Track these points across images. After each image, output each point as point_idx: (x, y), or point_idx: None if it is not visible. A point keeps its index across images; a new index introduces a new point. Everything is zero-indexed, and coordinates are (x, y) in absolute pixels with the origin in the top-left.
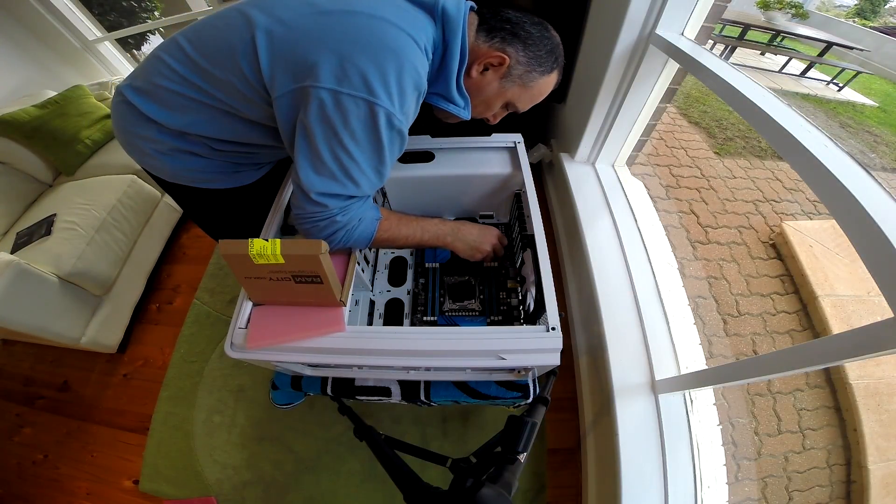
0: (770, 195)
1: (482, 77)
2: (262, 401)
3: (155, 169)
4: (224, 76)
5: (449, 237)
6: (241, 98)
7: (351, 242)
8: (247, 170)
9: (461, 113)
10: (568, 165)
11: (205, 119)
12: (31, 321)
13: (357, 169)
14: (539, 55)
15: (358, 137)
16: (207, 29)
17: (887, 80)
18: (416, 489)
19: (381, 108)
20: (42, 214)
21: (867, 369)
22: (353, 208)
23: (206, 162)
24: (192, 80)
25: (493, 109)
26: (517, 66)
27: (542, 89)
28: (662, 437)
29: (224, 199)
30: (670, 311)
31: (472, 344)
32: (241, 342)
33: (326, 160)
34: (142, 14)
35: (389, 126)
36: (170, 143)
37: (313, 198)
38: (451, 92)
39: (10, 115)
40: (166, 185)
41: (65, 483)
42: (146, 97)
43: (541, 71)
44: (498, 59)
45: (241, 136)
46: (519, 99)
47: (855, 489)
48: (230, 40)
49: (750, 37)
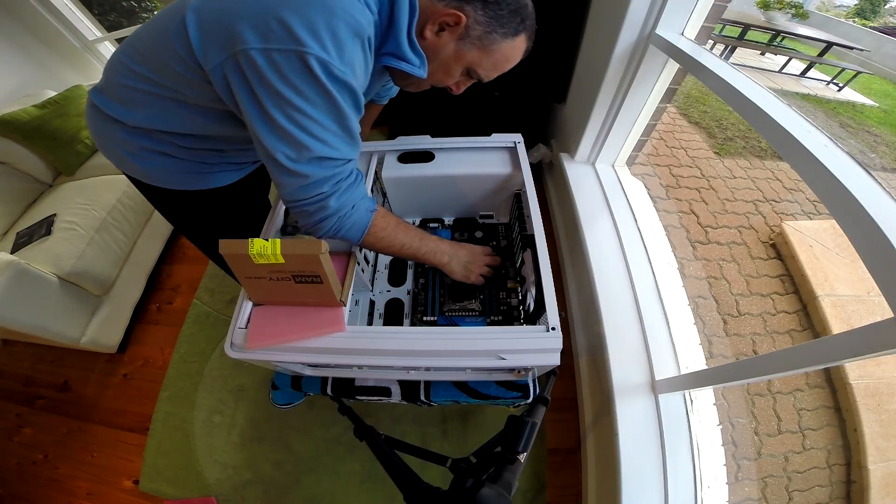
0: (770, 195)
1: (437, 38)
2: (262, 401)
3: (129, 171)
4: (164, 59)
5: (445, 256)
6: (184, 81)
7: (343, 231)
8: (222, 171)
9: (416, 71)
10: (568, 165)
11: (159, 112)
12: (31, 321)
13: (318, 126)
14: (500, 14)
15: (304, 92)
16: (152, 20)
17: (887, 80)
18: (416, 489)
19: (313, 55)
20: (42, 214)
21: (867, 369)
22: (346, 190)
23: (177, 162)
24: (140, 72)
25: (452, 76)
26: (476, 25)
27: (506, 54)
28: (662, 437)
29: (200, 202)
30: (670, 311)
31: (472, 344)
32: (241, 342)
33: (283, 123)
34: (142, 14)
35: (329, 75)
36: (137, 143)
37: (289, 166)
38: (403, 49)
39: (10, 115)
40: (143, 187)
41: (65, 483)
42: (106, 96)
43: (503, 33)
44: (453, 18)
45: (199, 127)
46: (480, 64)
47: (855, 489)
48: (167, 24)
49: (750, 37)
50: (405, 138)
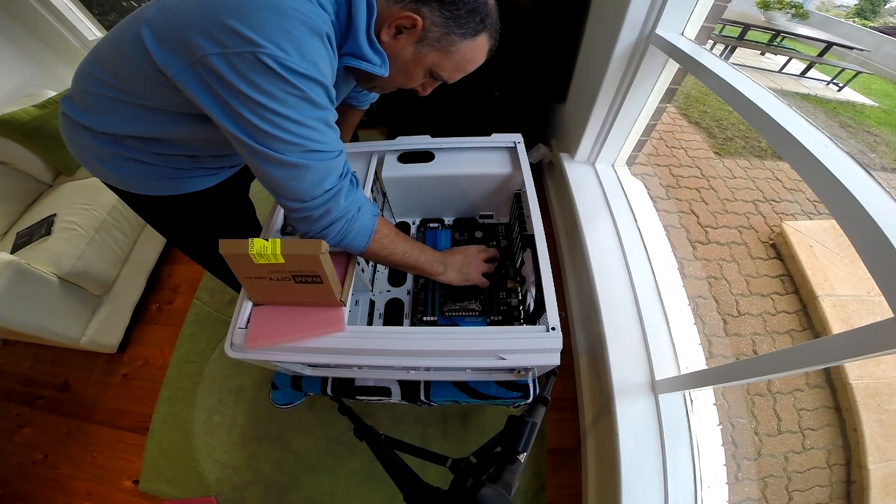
0: (770, 195)
1: (395, 42)
2: (262, 401)
3: (104, 178)
4: (128, 68)
5: (440, 266)
6: (149, 88)
7: (349, 238)
8: (196, 176)
9: (377, 70)
10: (568, 165)
11: (127, 117)
12: (31, 321)
13: (294, 123)
14: (458, 15)
15: (270, 91)
16: (113, 31)
17: (887, 80)
18: (416, 489)
19: (267, 54)
20: (42, 214)
21: (867, 369)
22: (349, 191)
23: (149, 168)
24: (106, 80)
25: (415, 79)
26: (433, 27)
27: (466, 55)
28: (662, 437)
29: (178, 207)
30: (670, 311)
31: (472, 344)
32: (241, 342)
33: (258, 124)
34: None
35: (290, 71)
36: (108, 150)
37: (281, 159)
38: (363, 48)
39: (10, 115)
40: (121, 194)
41: (65, 483)
42: (75, 104)
43: (461, 34)
44: (409, 21)
45: (168, 132)
46: (441, 66)
47: (855, 489)
48: (125, 37)
49: (750, 37)
50: (405, 138)
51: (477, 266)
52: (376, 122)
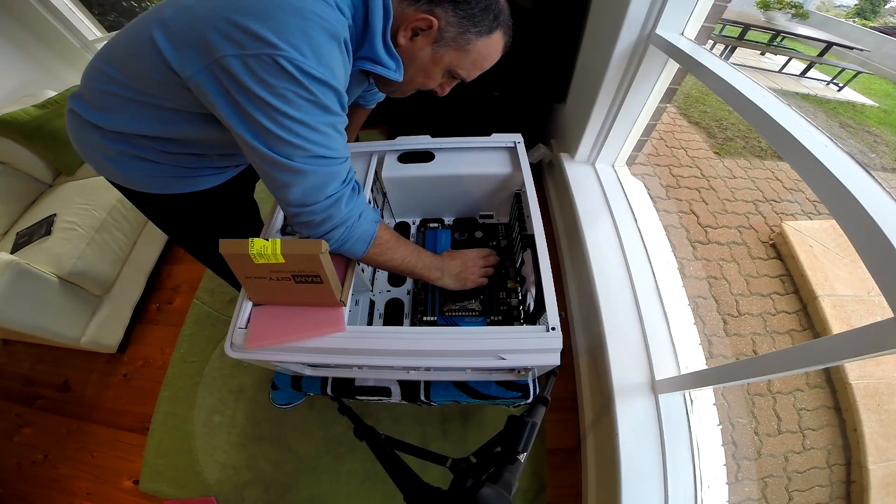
0: (770, 195)
1: (412, 44)
2: (262, 401)
3: (111, 176)
4: (141, 67)
5: (437, 272)
6: (162, 88)
7: (350, 244)
8: (203, 175)
9: (391, 75)
10: (568, 165)
11: (137, 116)
12: (31, 321)
13: (305, 127)
14: (472, 14)
15: (283, 94)
16: (126, 29)
17: (887, 80)
18: (416, 489)
19: (285, 57)
20: (42, 214)
21: (867, 369)
22: (351, 197)
23: (156, 167)
24: (118, 78)
25: (435, 79)
26: (448, 28)
27: (483, 53)
28: (662, 437)
29: (183, 205)
30: (670, 311)
31: (472, 344)
32: (241, 342)
33: (268, 125)
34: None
35: (306, 75)
36: (116, 148)
37: (286, 164)
38: (378, 52)
39: (10, 115)
40: (126, 192)
41: (65, 483)
42: (85, 102)
43: (476, 32)
44: (425, 23)
45: (178, 131)
46: (459, 65)
47: (855, 489)
48: (140, 36)
49: (750, 37)
50: (405, 138)
51: (475, 272)
52: (376, 122)
